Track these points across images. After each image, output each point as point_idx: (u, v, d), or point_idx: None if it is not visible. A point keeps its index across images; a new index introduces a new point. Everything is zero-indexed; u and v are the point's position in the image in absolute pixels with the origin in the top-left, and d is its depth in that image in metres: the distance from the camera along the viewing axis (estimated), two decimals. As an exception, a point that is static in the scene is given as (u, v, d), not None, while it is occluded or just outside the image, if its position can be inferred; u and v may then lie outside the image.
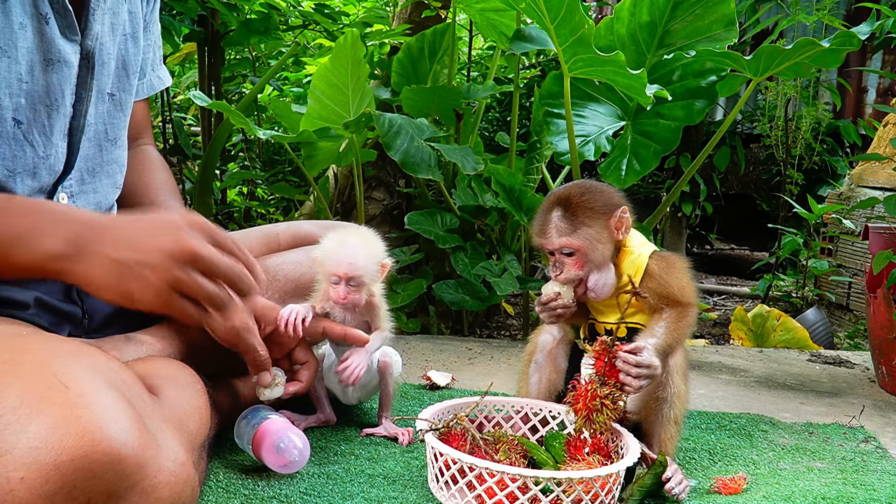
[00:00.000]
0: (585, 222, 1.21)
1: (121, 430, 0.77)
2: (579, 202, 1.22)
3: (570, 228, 1.20)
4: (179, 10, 2.46)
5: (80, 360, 0.85)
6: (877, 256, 1.81)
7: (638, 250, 1.25)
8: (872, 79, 4.33)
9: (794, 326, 2.56)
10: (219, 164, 2.87)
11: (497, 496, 1.05)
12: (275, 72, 2.76)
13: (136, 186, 1.31)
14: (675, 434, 1.22)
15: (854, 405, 1.76)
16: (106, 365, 0.88)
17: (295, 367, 1.27)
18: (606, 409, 1.15)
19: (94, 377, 0.82)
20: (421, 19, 2.80)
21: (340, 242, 1.27)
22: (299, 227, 1.49)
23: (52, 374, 0.80)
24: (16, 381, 0.78)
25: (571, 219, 1.21)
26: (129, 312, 1.23)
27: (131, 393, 0.86)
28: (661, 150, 2.16)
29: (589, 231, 1.21)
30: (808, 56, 1.93)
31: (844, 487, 1.23)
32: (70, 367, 0.82)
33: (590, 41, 1.85)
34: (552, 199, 1.24)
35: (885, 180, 3.02)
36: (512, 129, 2.49)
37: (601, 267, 1.23)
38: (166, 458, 0.81)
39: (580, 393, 1.17)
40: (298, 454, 1.16)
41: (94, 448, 0.74)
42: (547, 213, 1.23)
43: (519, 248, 2.56)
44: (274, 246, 1.41)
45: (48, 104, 1.06)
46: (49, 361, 0.82)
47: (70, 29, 1.05)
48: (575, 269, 1.22)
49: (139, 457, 0.78)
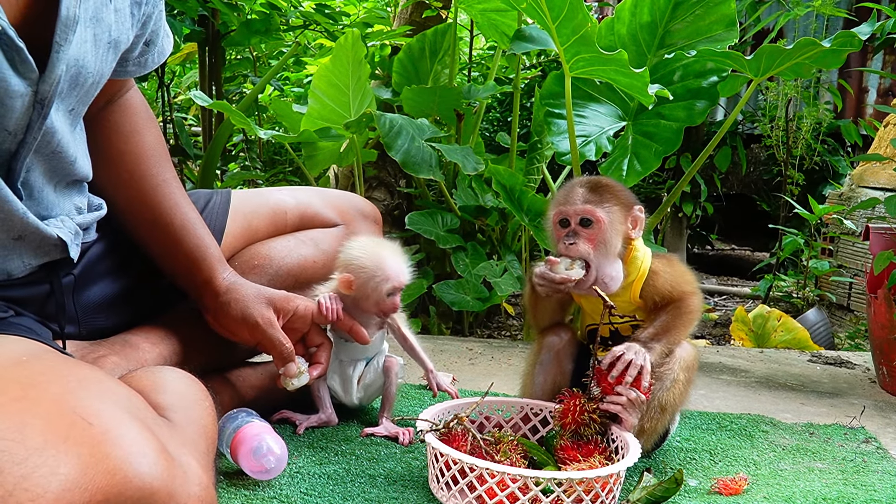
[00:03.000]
0: (612, 201, 1.24)
1: (150, 464, 0.77)
2: (607, 185, 1.26)
3: (596, 199, 1.23)
4: (180, 9, 2.46)
5: (96, 391, 0.84)
6: (877, 257, 1.80)
7: (643, 249, 1.27)
8: (873, 79, 4.33)
9: (795, 327, 2.56)
10: (220, 164, 2.88)
11: (498, 496, 1.05)
12: (275, 72, 2.77)
13: (123, 155, 1.19)
14: (657, 418, 1.22)
15: (855, 406, 1.76)
16: (119, 392, 0.87)
17: (311, 349, 1.29)
18: (594, 423, 1.18)
19: (114, 409, 0.81)
20: (422, 19, 2.80)
21: (393, 252, 1.32)
22: (308, 206, 1.46)
23: (72, 409, 0.78)
24: (35, 420, 0.75)
25: (599, 193, 1.24)
26: (118, 302, 1.22)
27: (149, 420, 0.85)
28: (663, 151, 2.16)
29: (613, 209, 1.23)
30: (808, 56, 1.93)
31: (845, 488, 1.23)
32: (88, 401, 0.80)
33: (592, 40, 1.84)
34: (580, 179, 1.28)
35: (885, 181, 3.01)
36: (513, 129, 2.49)
37: (609, 256, 1.23)
38: (192, 484, 0.82)
39: (567, 407, 1.19)
40: (275, 460, 1.14)
41: (126, 485, 0.74)
42: (574, 186, 1.26)
43: (519, 248, 2.56)
44: (281, 225, 1.40)
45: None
46: (65, 396, 0.80)
47: (24, 65, 0.89)
48: (588, 244, 1.22)
49: (169, 487, 0.78)
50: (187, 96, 3.75)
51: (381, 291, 1.30)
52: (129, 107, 1.21)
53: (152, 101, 3.35)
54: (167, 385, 1.00)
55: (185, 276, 1.22)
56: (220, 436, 1.20)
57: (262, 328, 1.19)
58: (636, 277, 1.25)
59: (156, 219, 1.20)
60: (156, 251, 1.23)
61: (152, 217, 1.20)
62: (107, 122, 1.18)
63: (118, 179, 1.19)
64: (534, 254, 2.60)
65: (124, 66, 1.12)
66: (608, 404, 1.18)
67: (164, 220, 1.20)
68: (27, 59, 0.89)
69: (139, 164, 1.19)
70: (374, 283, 1.29)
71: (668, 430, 1.30)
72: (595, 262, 1.22)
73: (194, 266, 1.21)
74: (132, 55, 1.12)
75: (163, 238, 1.20)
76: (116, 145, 1.18)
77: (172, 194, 1.21)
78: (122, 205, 1.20)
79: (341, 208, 1.48)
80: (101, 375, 0.89)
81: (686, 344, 1.26)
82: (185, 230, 1.21)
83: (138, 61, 1.14)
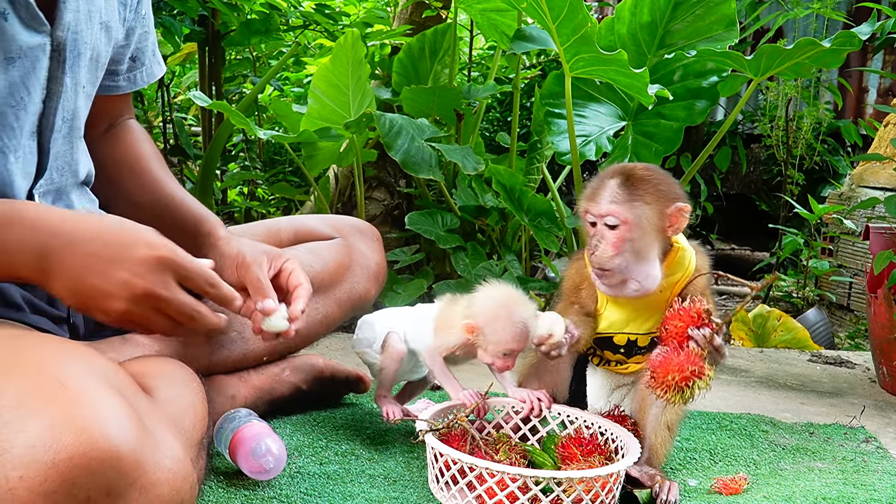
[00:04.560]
0: (643, 198, 1.11)
1: (119, 428, 0.77)
2: (643, 176, 1.13)
3: (624, 198, 1.11)
4: (180, 9, 2.46)
5: (77, 359, 0.86)
6: (877, 257, 1.80)
7: (689, 248, 1.19)
8: (873, 79, 4.32)
9: (795, 327, 2.56)
10: (219, 164, 2.87)
11: (497, 496, 1.05)
12: (275, 72, 2.76)
13: (124, 159, 1.27)
14: (668, 439, 1.20)
15: (855, 405, 1.76)
16: (103, 365, 0.88)
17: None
18: (700, 380, 1.06)
19: (92, 376, 0.82)
20: (422, 19, 2.80)
21: (521, 311, 1.18)
22: (302, 223, 1.47)
23: (50, 373, 0.80)
24: (13, 380, 0.78)
25: (630, 189, 1.12)
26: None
27: (127, 391, 0.86)
28: (663, 151, 2.16)
29: (644, 209, 1.11)
30: (808, 56, 1.93)
31: (845, 488, 1.23)
32: (67, 367, 0.82)
33: (593, 40, 1.84)
34: (614, 168, 1.15)
35: (885, 180, 3.01)
36: (513, 129, 2.49)
37: (640, 259, 1.13)
38: (164, 455, 0.81)
39: (672, 361, 1.07)
40: (274, 461, 1.14)
41: (92, 446, 0.75)
42: (605, 178, 1.14)
43: (520, 248, 2.56)
44: (275, 242, 1.40)
45: (13, 104, 1.00)
46: (46, 361, 0.83)
47: (34, 20, 0.97)
48: (611, 250, 1.11)
49: (137, 454, 0.78)
50: (187, 96, 3.74)
51: (497, 351, 1.20)
52: (128, 126, 1.31)
53: (152, 101, 3.34)
54: (155, 368, 1.01)
55: (188, 234, 1.23)
56: (218, 436, 1.20)
57: (249, 265, 1.14)
58: (681, 277, 1.18)
59: (157, 199, 1.25)
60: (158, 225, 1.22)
61: (154, 198, 1.25)
62: (110, 139, 1.28)
63: (117, 174, 1.26)
64: (534, 254, 2.60)
65: (115, 80, 1.23)
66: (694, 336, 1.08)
67: (165, 200, 1.25)
68: (37, 13, 0.97)
69: (139, 163, 1.27)
70: (494, 342, 1.18)
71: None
72: (619, 263, 1.13)
73: (198, 223, 1.24)
74: (121, 68, 1.23)
75: (166, 212, 1.24)
76: (118, 152, 1.27)
77: (172, 183, 1.28)
78: (124, 194, 1.26)
79: (336, 224, 1.49)
80: (88, 350, 0.91)
81: None
82: (185, 202, 1.26)
83: (128, 77, 1.24)
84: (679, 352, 1.08)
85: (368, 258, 1.48)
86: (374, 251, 1.50)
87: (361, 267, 1.46)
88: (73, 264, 0.93)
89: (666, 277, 1.17)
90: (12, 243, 0.92)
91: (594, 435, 1.19)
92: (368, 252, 1.48)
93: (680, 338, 1.10)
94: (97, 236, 0.94)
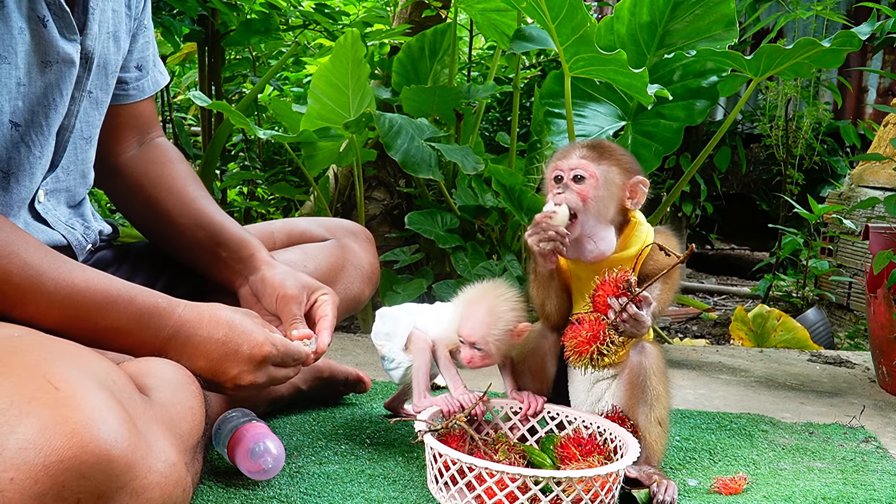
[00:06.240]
0: (609, 161, 1.22)
1: (110, 431, 0.77)
2: (609, 147, 1.24)
3: (594, 157, 1.21)
4: (179, 9, 2.46)
5: (71, 360, 0.85)
6: (877, 256, 1.80)
7: (645, 224, 1.25)
8: (873, 79, 4.32)
9: (795, 326, 2.56)
10: (219, 164, 2.87)
11: (497, 496, 1.05)
12: (275, 72, 2.76)
13: (160, 179, 1.29)
14: (661, 435, 1.21)
15: (854, 405, 1.76)
16: (97, 365, 0.88)
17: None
18: (613, 343, 1.14)
19: (85, 378, 0.82)
20: (421, 19, 2.80)
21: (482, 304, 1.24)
22: (295, 225, 1.48)
23: (43, 375, 0.80)
24: (5, 382, 0.78)
25: (598, 153, 1.22)
26: None
27: (122, 393, 0.85)
28: (663, 150, 2.16)
29: (609, 171, 1.21)
30: (808, 56, 1.93)
31: (845, 487, 1.23)
32: (61, 368, 0.82)
33: (592, 40, 1.84)
34: (584, 140, 1.25)
35: (885, 180, 3.01)
36: (512, 128, 2.49)
37: (600, 216, 1.20)
38: (156, 459, 0.81)
39: (578, 330, 1.16)
40: (273, 461, 1.14)
41: (83, 449, 0.74)
42: (575, 144, 1.25)
43: (519, 248, 2.56)
44: (269, 244, 1.41)
45: (45, 105, 1.06)
46: (40, 363, 0.82)
47: (69, 28, 1.05)
48: (577, 197, 1.18)
49: (128, 457, 0.77)
50: (186, 96, 3.74)
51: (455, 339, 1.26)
52: (159, 145, 1.34)
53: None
54: (153, 370, 1.01)
55: (231, 257, 1.26)
56: (217, 436, 1.20)
57: (289, 301, 1.20)
58: (639, 252, 1.21)
59: (198, 222, 1.27)
60: (197, 251, 1.28)
61: (194, 221, 1.27)
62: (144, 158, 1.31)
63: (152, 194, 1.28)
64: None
65: (125, 88, 1.26)
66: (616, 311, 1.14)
67: (205, 222, 1.28)
68: (71, 22, 1.05)
69: (175, 184, 1.29)
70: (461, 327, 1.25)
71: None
72: (582, 217, 1.19)
73: (240, 246, 1.27)
74: (129, 76, 1.26)
75: (206, 235, 1.27)
76: (153, 172, 1.30)
77: (211, 205, 1.31)
78: (164, 216, 1.28)
79: (329, 226, 1.50)
80: (84, 350, 0.91)
81: (649, 347, 1.21)
82: (225, 225, 1.29)
83: (136, 86, 1.28)
84: (587, 321, 1.16)
85: (362, 259, 1.48)
86: (367, 252, 1.51)
87: (355, 268, 1.46)
88: (191, 355, 1.07)
89: (623, 251, 1.22)
90: (148, 332, 1.04)
91: (593, 435, 1.19)
92: (362, 253, 1.49)
93: (603, 307, 1.16)
94: (213, 337, 1.07)
